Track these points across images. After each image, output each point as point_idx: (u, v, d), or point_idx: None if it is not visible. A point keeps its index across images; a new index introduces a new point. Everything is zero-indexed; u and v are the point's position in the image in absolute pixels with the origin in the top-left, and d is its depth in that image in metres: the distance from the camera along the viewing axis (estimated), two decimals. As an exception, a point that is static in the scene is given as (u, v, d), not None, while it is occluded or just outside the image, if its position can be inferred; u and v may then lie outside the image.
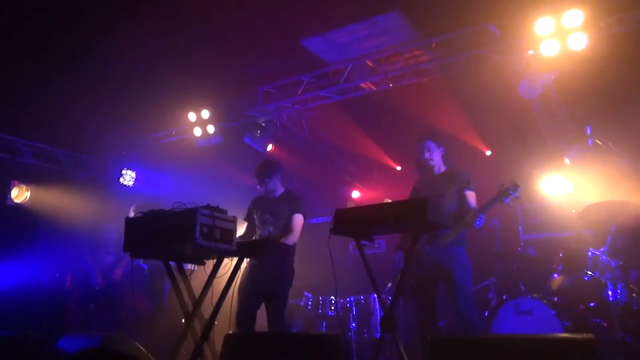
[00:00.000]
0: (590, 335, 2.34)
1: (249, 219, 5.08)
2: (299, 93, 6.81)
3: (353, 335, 6.19)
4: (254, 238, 4.96)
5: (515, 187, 4.09)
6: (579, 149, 5.94)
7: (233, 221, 3.39)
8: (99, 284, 6.66)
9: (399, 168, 8.69)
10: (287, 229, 4.80)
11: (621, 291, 4.44)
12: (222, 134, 7.24)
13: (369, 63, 6.32)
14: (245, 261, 4.73)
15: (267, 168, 5.01)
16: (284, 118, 7.40)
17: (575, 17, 5.02)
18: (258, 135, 7.30)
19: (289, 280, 4.77)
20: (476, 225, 4.11)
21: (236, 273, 3.58)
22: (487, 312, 5.08)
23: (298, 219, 4.83)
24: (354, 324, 6.27)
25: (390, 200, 4.16)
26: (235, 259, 3.66)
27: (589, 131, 5.66)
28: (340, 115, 7.37)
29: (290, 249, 4.78)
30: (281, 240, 4.65)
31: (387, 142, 8.16)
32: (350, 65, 6.37)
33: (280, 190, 5.04)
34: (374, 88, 6.50)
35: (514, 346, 2.43)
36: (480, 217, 4.11)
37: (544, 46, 5.18)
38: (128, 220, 3.51)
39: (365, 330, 6.26)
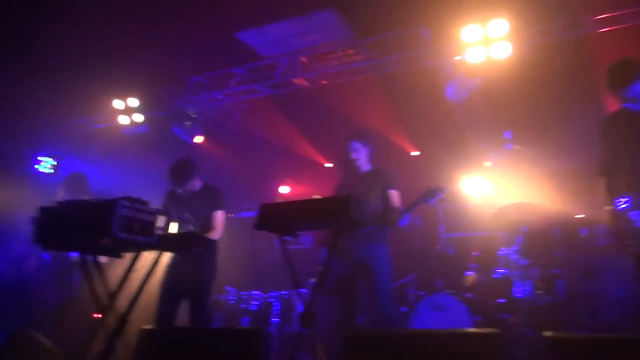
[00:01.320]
0: (494, 330, 2.43)
1: (165, 213, 4.76)
2: (231, 85, 6.72)
3: (275, 330, 6.21)
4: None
5: (440, 189, 4.24)
6: (499, 152, 6.22)
7: (154, 213, 3.30)
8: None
9: (329, 165, 8.76)
10: (209, 226, 4.66)
11: (528, 288, 4.73)
12: (150, 123, 7.04)
13: (303, 59, 6.33)
14: (168, 256, 4.63)
15: (184, 171, 4.70)
16: (215, 110, 7.29)
17: (501, 27, 5.22)
18: (188, 126, 7.15)
19: (212, 275, 4.68)
20: (401, 224, 4.23)
21: (155, 266, 3.49)
22: (406, 307, 5.25)
23: (219, 216, 4.71)
24: (276, 319, 6.30)
25: (318, 197, 4.19)
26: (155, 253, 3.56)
27: (508, 136, 5.94)
28: (273, 110, 7.35)
29: (214, 244, 4.71)
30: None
31: (318, 138, 8.20)
32: (285, 61, 6.37)
33: (197, 185, 4.81)
34: (307, 84, 6.53)
35: (422, 341, 2.52)
36: (406, 216, 4.23)
37: (470, 53, 5.37)
38: (41, 210, 3.33)
39: (287, 325, 6.29)
